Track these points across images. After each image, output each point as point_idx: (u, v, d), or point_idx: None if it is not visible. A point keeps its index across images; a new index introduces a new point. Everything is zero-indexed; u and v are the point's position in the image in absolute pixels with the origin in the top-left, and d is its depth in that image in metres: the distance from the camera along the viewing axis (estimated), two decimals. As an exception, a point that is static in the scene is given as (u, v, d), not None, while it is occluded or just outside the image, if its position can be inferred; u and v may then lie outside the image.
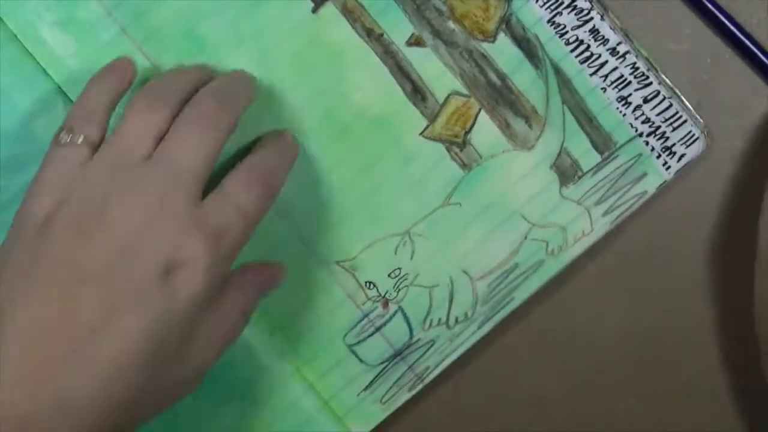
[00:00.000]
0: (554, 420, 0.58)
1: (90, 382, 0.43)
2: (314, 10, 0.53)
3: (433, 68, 0.54)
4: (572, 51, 0.55)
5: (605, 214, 0.55)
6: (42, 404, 0.42)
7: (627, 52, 0.55)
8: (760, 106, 0.56)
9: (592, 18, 0.54)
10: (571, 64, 0.55)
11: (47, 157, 0.48)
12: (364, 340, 0.56)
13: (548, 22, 0.55)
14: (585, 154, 0.55)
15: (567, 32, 0.55)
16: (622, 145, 0.55)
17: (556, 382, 0.58)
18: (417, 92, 0.55)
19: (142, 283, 0.44)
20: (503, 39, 0.55)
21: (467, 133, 0.55)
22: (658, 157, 0.55)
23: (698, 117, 0.55)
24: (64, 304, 0.44)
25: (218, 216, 0.47)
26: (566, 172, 0.55)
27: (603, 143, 0.55)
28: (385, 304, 0.56)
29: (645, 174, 0.55)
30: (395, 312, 0.56)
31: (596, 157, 0.55)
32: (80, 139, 0.47)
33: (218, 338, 0.48)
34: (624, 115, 0.55)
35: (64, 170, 0.47)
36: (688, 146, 0.55)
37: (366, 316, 0.56)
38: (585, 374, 0.58)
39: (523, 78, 0.55)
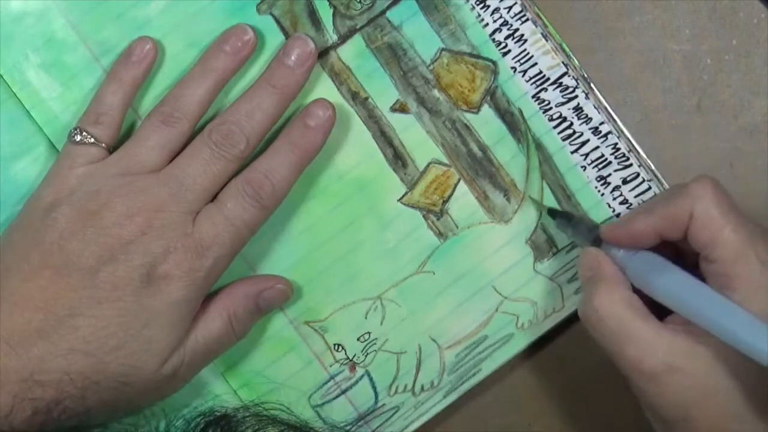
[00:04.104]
0: (554, 420, 0.58)
1: (59, 358, 0.47)
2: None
3: (415, 135, 0.55)
4: (555, 127, 0.55)
5: (577, 291, 0.55)
6: (12, 366, 0.47)
7: (609, 132, 0.55)
8: (760, 106, 0.57)
9: (576, 96, 0.55)
10: (553, 141, 0.55)
11: (62, 150, 0.52)
12: (329, 401, 0.56)
13: (533, 97, 0.55)
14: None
15: (551, 108, 0.55)
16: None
17: (557, 382, 0.58)
18: (398, 158, 0.55)
19: (125, 282, 0.48)
20: (487, 111, 0.55)
21: (445, 202, 0.55)
22: (634, 238, 0.55)
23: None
24: (51, 285, 0.48)
25: (208, 227, 0.50)
26: (541, 247, 0.55)
27: (580, 221, 0.55)
28: (353, 367, 0.55)
29: (619, 254, 0.56)
30: (362, 376, 0.55)
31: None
32: (91, 140, 0.51)
33: (203, 341, 0.51)
34: (602, 194, 0.55)
35: (75, 165, 0.50)
36: (664, 229, 0.55)
37: (332, 378, 0.55)
38: (585, 374, 0.57)
39: (505, 151, 0.55)
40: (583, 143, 0.55)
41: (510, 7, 0.54)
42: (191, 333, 0.51)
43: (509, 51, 0.55)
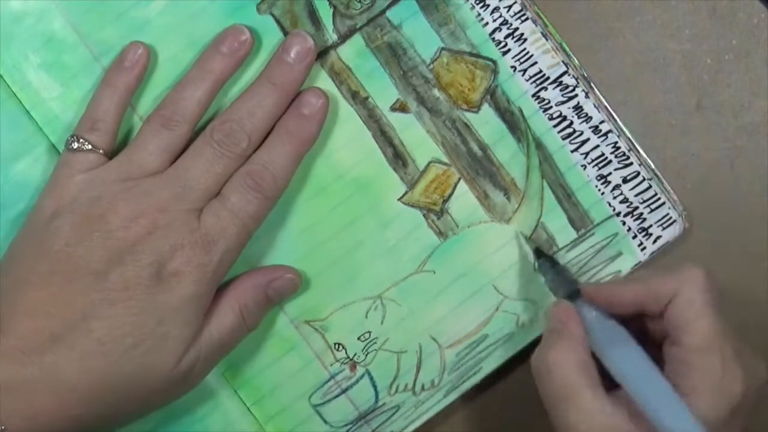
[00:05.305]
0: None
1: (75, 361, 0.47)
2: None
3: (415, 135, 0.55)
4: (555, 126, 0.55)
5: (578, 291, 0.55)
6: (28, 374, 0.47)
7: (609, 131, 0.55)
8: (760, 106, 0.57)
9: (576, 95, 0.55)
10: (553, 140, 0.55)
11: (60, 159, 0.52)
12: (329, 401, 0.55)
13: (533, 96, 0.55)
14: (561, 229, 0.55)
15: (551, 107, 0.55)
16: (599, 224, 0.55)
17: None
18: (398, 157, 0.55)
19: (135, 281, 0.48)
20: (487, 110, 0.55)
21: (445, 201, 0.55)
22: (634, 237, 0.55)
23: (677, 200, 0.55)
24: (62, 291, 0.48)
25: (213, 222, 0.50)
26: (541, 246, 0.55)
27: (580, 220, 0.55)
28: (353, 366, 0.55)
29: (620, 253, 0.56)
30: (362, 375, 0.55)
31: (572, 234, 0.55)
32: (88, 146, 0.51)
33: (217, 335, 0.51)
34: (603, 193, 0.55)
35: (74, 173, 0.50)
36: (664, 228, 0.55)
37: (333, 377, 0.55)
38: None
39: (505, 150, 0.55)
40: (583, 142, 0.55)
41: (510, 6, 0.54)
42: (205, 328, 0.51)
43: (509, 50, 0.55)
